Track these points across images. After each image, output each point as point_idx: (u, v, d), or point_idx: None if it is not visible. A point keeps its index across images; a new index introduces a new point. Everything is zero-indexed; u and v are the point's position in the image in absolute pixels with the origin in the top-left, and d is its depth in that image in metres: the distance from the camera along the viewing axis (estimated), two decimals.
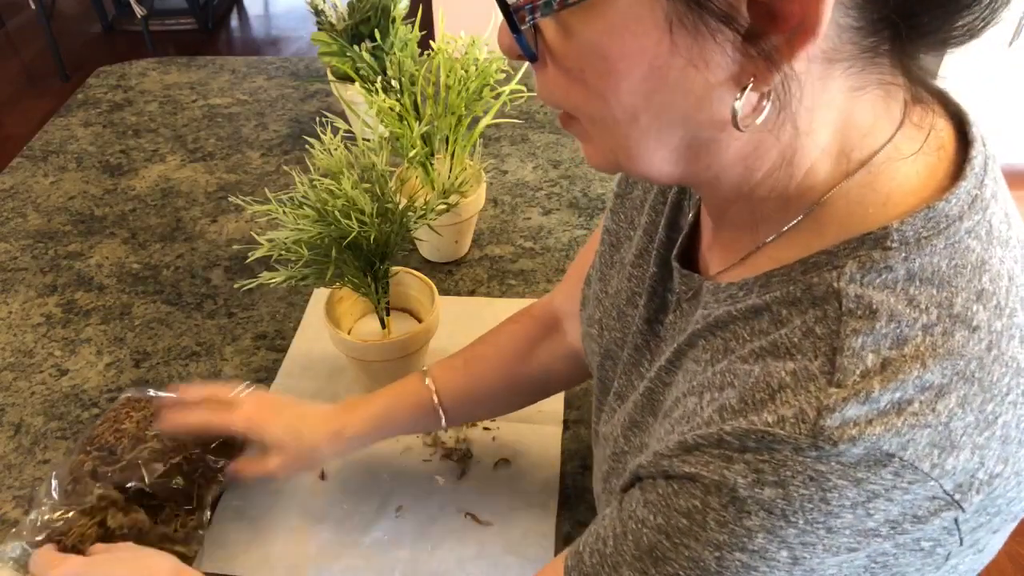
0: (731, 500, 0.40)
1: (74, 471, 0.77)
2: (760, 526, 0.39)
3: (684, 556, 0.42)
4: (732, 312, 0.47)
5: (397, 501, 0.83)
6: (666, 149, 0.43)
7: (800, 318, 0.42)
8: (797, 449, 0.38)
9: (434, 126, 1.00)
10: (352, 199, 0.77)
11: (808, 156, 0.42)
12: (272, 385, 0.95)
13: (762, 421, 0.40)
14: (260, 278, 0.80)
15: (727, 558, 0.40)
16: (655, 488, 0.45)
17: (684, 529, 0.42)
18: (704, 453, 0.42)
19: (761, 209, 0.46)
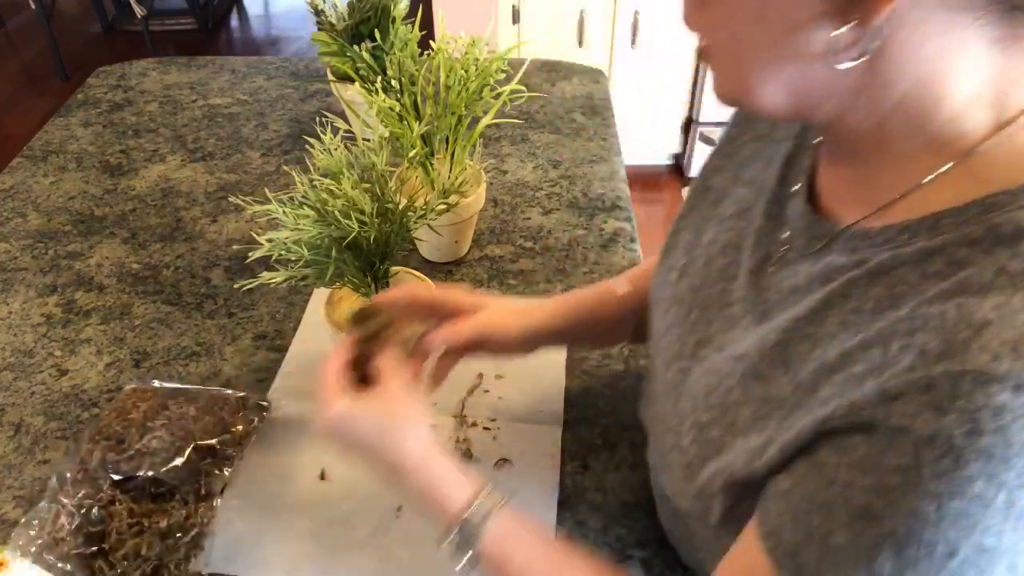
0: (948, 450, 0.39)
1: (83, 461, 0.78)
2: (979, 472, 0.39)
3: (901, 511, 0.41)
4: (898, 257, 0.47)
5: (398, 501, 0.83)
6: (778, 80, 0.46)
7: (987, 258, 0.42)
8: (1018, 387, 0.38)
9: (434, 126, 1.00)
10: (352, 199, 0.77)
11: (946, 102, 0.44)
12: (272, 386, 0.95)
13: (974, 361, 0.39)
14: (260, 278, 0.80)
15: (945, 506, 0.40)
16: (856, 448, 0.44)
17: (898, 486, 0.41)
18: (910, 402, 0.41)
19: (899, 150, 0.47)
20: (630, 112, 2.77)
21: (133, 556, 0.74)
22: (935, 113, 0.45)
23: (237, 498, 0.83)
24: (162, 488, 0.78)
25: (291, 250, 0.78)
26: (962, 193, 0.45)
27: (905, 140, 0.47)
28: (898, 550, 0.42)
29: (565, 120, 1.46)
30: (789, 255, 0.56)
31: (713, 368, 0.59)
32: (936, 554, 0.41)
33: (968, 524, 0.40)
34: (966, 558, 0.40)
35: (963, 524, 0.40)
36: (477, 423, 0.90)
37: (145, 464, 0.77)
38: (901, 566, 0.42)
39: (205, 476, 0.79)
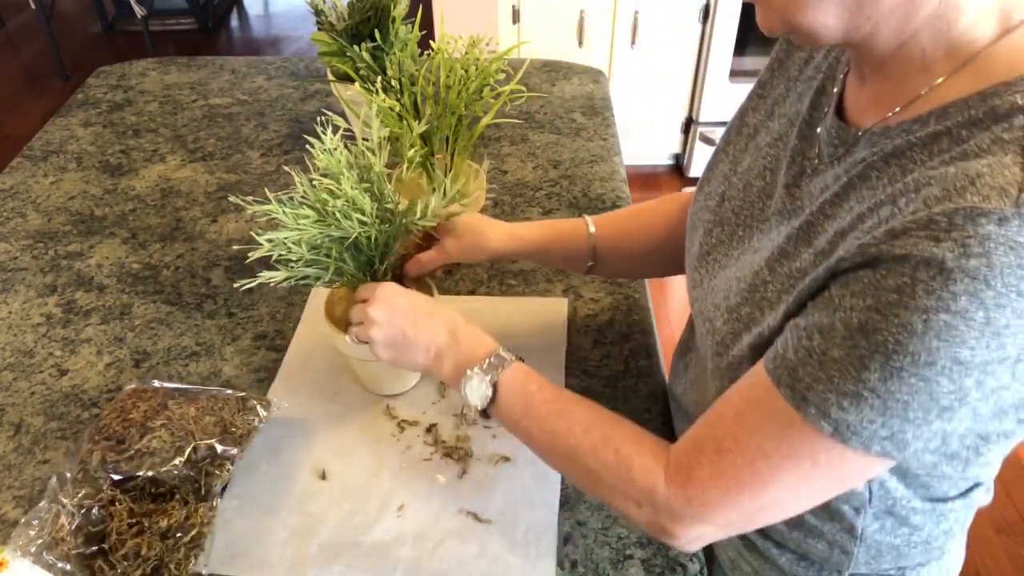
0: (939, 271, 0.46)
1: (83, 462, 0.78)
2: (964, 290, 0.45)
3: (893, 324, 0.48)
4: (910, 141, 0.53)
5: (398, 500, 0.83)
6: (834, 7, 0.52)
7: (985, 133, 0.49)
8: (1002, 219, 0.45)
9: (434, 126, 1.00)
10: (352, 199, 0.77)
11: (965, 11, 0.51)
12: (271, 386, 0.95)
13: (967, 201, 0.46)
14: (260, 277, 0.80)
15: (932, 319, 0.46)
16: (860, 279, 0.51)
17: (894, 302, 0.48)
18: (912, 235, 0.48)
19: (921, 61, 0.54)
20: (630, 112, 2.77)
21: (133, 556, 0.74)
22: (953, 24, 0.52)
23: (237, 498, 0.83)
24: (162, 488, 0.78)
25: (291, 250, 0.78)
26: (969, 88, 0.52)
27: (927, 52, 0.53)
28: (886, 359, 0.49)
29: (565, 120, 1.46)
30: (820, 166, 0.63)
31: (746, 263, 0.66)
32: (919, 362, 0.48)
33: (949, 336, 0.46)
34: (943, 368, 0.47)
35: (945, 336, 0.46)
36: (477, 421, 0.90)
37: (145, 464, 0.77)
38: (886, 375, 0.49)
39: (205, 476, 0.79)
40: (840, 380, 0.51)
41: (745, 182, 0.71)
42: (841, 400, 0.51)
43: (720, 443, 0.59)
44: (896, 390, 0.49)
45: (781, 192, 0.66)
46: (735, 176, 0.73)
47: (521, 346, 0.98)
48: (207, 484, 0.79)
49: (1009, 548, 1.75)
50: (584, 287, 1.08)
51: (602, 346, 1.00)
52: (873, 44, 0.55)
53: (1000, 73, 0.51)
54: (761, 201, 0.69)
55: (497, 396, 0.71)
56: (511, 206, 1.24)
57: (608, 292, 1.08)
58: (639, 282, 1.09)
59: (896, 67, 0.56)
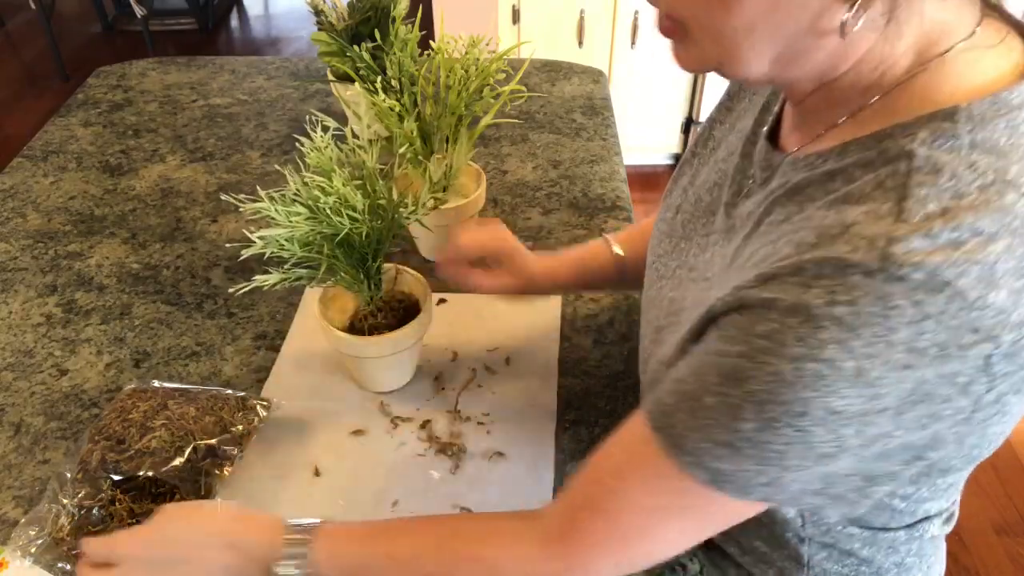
0: (807, 318, 0.45)
1: (83, 462, 0.78)
2: (832, 338, 0.45)
3: (764, 372, 0.47)
4: (809, 177, 0.53)
5: (392, 496, 0.83)
6: (769, 56, 0.51)
7: (872, 174, 0.49)
8: (868, 272, 0.44)
9: (434, 126, 1.00)
10: (343, 196, 0.78)
11: (892, 53, 0.50)
12: (266, 384, 0.95)
13: (837, 250, 0.46)
14: (254, 281, 0.80)
15: (802, 368, 0.46)
16: (732, 323, 0.50)
17: (764, 348, 0.47)
18: (782, 281, 0.47)
19: (838, 96, 0.54)
20: (630, 112, 2.76)
21: None
22: (879, 66, 0.51)
23: (237, 498, 0.83)
24: (162, 488, 0.78)
25: (284, 248, 0.78)
26: (873, 127, 0.51)
27: (850, 89, 0.53)
28: (759, 409, 0.48)
29: (565, 120, 1.46)
30: (754, 187, 0.62)
31: (682, 285, 0.66)
32: (792, 412, 0.47)
33: (820, 385, 0.46)
34: (817, 418, 0.47)
35: (816, 385, 0.46)
36: (471, 418, 0.90)
37: (145, 464, 0.77)
38: (760, 426, 0.48)
39: (205, 476, 0.79)
40: (714, 429, 0.50)
41: (697, 196, 0.71)
42: (716, 450, 0.50)
43: (598, 504, 0.58)
44: (771, 440, 0.48)
45: (722, 211, 0.66)
46: (692, 188, 0.73)
47: (514, 346, 0.99)
48: (207, 484, 0.79)
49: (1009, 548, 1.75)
50: None
51: (602, 346, 1.00)
52: (799, 85, 0.55)
53: (903, 111, 0.50)
54: (706, 217, 0.68)
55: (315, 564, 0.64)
56: (511, 206, 1.24)
57: (608, 292, 1.08)
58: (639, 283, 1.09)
59: (817, 101, 0.56)
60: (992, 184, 0.45)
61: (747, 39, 0.50)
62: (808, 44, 0.50)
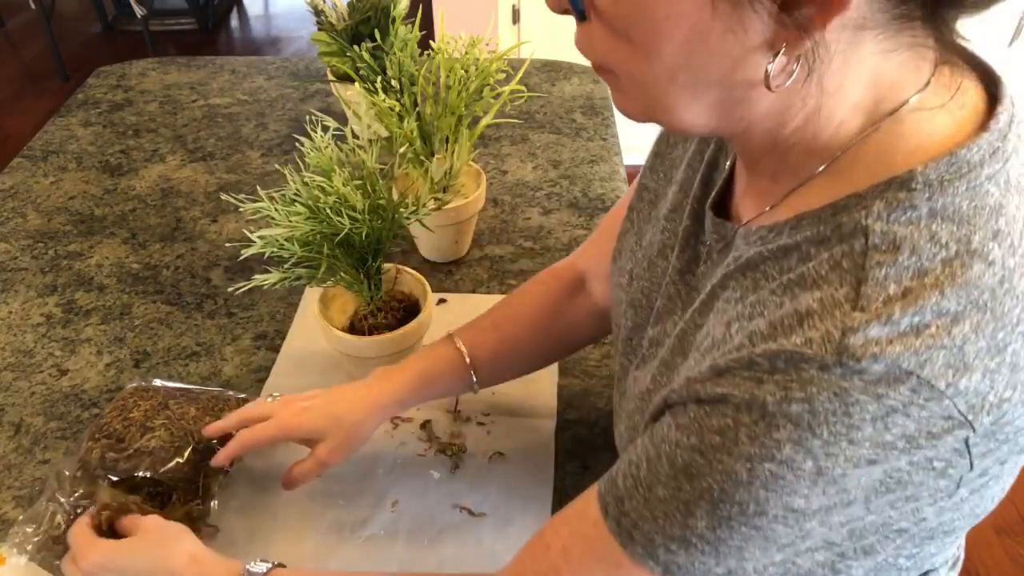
0: (761, 416, 0.43)
1: (82, 460, 0.78)
2: (788, 438, 0.42)
3: (717, 470, 0.45)
4: (763, 253, 0.50)
5: (393, 496, 0.83)
6: (700, 105, 0.47)
7: (827, 252, 0.45)
8: (823, 367, 0.41)
9: (434, 126, 1.00)
10: (343, 196, 0.78)
11: (838, 112, 0.46)
12: (265, 384, 0.95)
13: (791, 343, 0.43)
14: (254, 281, 0.80)
15: (757, 469, 0.43)
16: (686, 412, 0.47)
17: (717, 445, 0.45)
18: (735, 375, 0.45)
19: (790, 159, 0.50)
20: None
21: None
22: (828, 124, 0.47)
23: (236, 498, 0.83)
24: (161, 488, 0.78)
25: (284, 247, 0.78)
26: (827, 196, 0.47)
27: (799, 150, 0.49)
28: (712, 507, 0.45)
29: (565, 120, 1.46)
30: (712, 254, 0.59)
31: (646, 363, 0.62)
32: (748, 512, 0.44)
33: (777, 486, 0.43)
34: (776, 516, 0.44)
35: (772, 486, 0.43)
36: (471, 418, 0.90)
37: (144, 464, 0.77)
38: (715, 522, 0.45)
39: (204, 476, 0.79)
40: (666, 523, 0.47)
41: (649, 260, 0.66)
42: (668, 543, 0.48)
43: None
44: (727, 537, 0.45)
45: (675, 278, 0.62)
46: (640, 251, 0.68)
47: None
48: (206, 484, 0.79)
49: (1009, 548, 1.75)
50: None
51: (602, 346, 1.00)
52: (747, 141, 0.51)
53: (858, 178, 0.46)
54: (661, 284, 0.64)
55: None
56: (511, 206, 1.24)
57: None
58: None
59: (766, 165, 0.52)
60: (956, 256, 0.42)
61: (671, 88, 0.46)
62: (740, 95, 0.46)
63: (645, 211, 0.70)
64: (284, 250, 0.79)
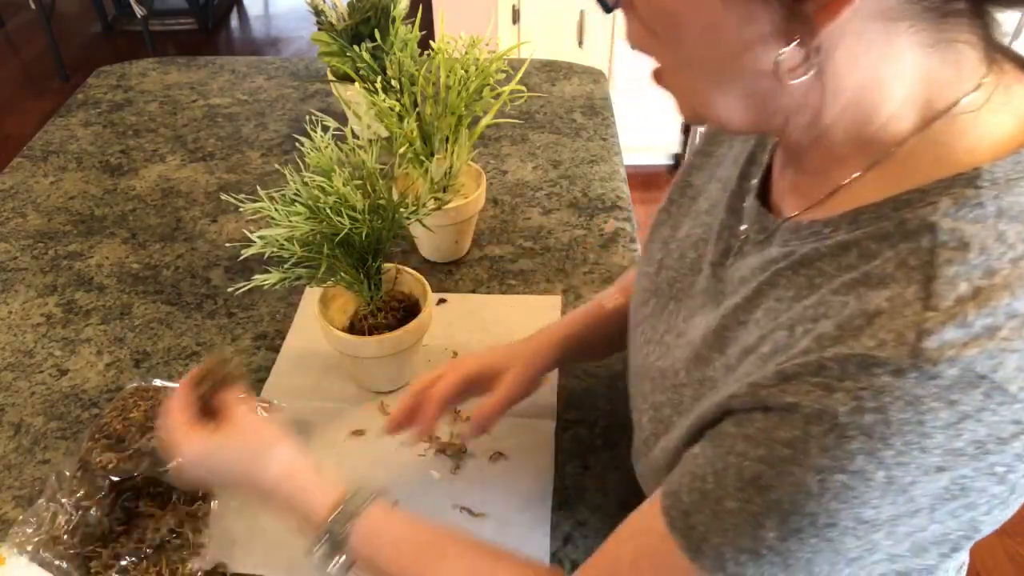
0: (832, 427, 0.42)
1: (82, 460, 0.78)
2: (860, 449, 0.41)
3: (787, 482, 0.44)
4: (819, 249, 0.49)
5: (392, 496, 0.82)
6: (730, 99, 0.48)
7: (892, 251, 0.45)
8: (897, 372, 0.40)
9: (434, 126, 1.00)
10: (343, 196, 0.78)
11: (883, 106, 0.46)
12: (265, 384, 0.95)
13: (862, 346, 0.42)
14: (254, 281, 0.80)
15: (828, 480, 0.42)
16: (753, 422, 0.47)
17: (787, 458, 0.44)
18: (804, 382, 0.44)
19: (836, 153, 0.50)
20: (630, 112, 2.76)
21: (130, 555, 0.74)
22: (872, 117, 0.47)
23: (236, 498, 0.83)
24: (160, 488, 0.78)
25: (284, 247, 0.78)
26: (883, 190, 0.47)
27: (845, 144, 0.49)
28: (783, 519, 0.45)
29: (565, 120, 1.46)
30: (745, 248, 0.59)
31: (671, 352, 0.62)
32: (818, 524, 0.44)
33: (849, 497, 0.42)
34: (846, 528, 0.43)
35: (844, 497, 0.42)
36: (471, 418, 0.90)
37: (144, 464, 0.77)
38: (785, 534, 0.45)
39: None
40: (735, 535, 0.47)
41: (681, 251, 0.67)
42: (738, 556, 0.47)
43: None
44: (796, 550, 0.45)
45: (708, 270, 0.62)
46: (673, 242, 0.69)
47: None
48: None
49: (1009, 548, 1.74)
50: (584, 287, 1.08)
51: None
52: (788, 136, 0.51)
53: (918, 174, 0.46)
54: (692, 276, 0.65)
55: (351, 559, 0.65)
56: (511, 206, 1.24)
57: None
58: None
59: (812, 160, 0.52)
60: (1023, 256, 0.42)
61: (699, 81, 0.49)
62: (767, 88, 0.47)
63: (686, 206, 0.71)
64: (284, 250, 0.79)
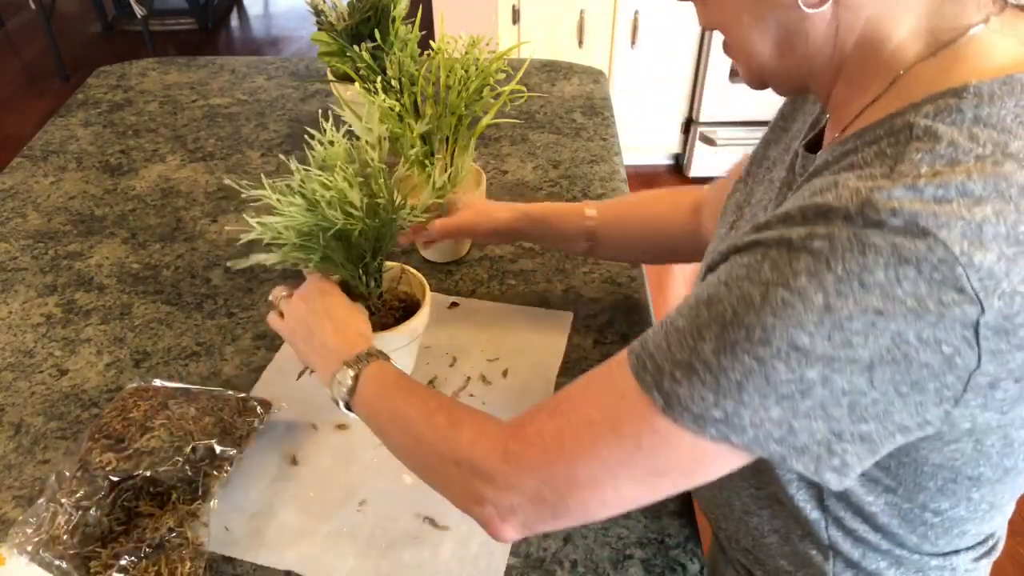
0: (786, 249, 0.47)
1: (82, 460, 0.78)
2: (804, 268, 0.45)
3: (735, 296, 0.48)
4: (827, 159, 0.54)
5: (362, 495, 0.83)
6: (767, 41, 0.55)
7: (875, 146, 0.49)
8: (847, 217, 0.45)
9: (434, 126, 1.00)
10: (342, 192, 0.78)
11: (893, 35, 0.52)
12: (258, 382, 0.95)
13: (823, 199, 0.47)
14: (251, 258, 0.80)
15: (770, 293, 0.46)
16: (719, 268, 0.52)
17: (741, 276, 0.49)
18: (771, 226, 0.49)
19: (855, 82, 0.55)
20: (630, 112, 2.76)
21: (130, 555, 0.74)
22: (883, 47, 0.52)
23: (236, 498, 0.83)
24: (160, 488, 0.78)
25: (281, 235, 0.79)
26: (886, 111, 0.52)
27: (862, 73, 0.54)
28: (721, 329, 0.48)
29: (565, 120, 1.46)
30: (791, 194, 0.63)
31: None
32: (753, 339, 0.47)
33: (785, 315, 0.45)
34: (779, 350, 0.46)
35: (781, 314, 0.46)
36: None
37: (144, 463, 0.77)
38: (719, 347, 0.48)
39: (204, 476, 0.79)
40: (677, 350, 0.50)
41: (753, 214, 0.72)
42: (674, 371, 0.50)
43: (557, 407, 0.58)
44: (729, 367, 0.47)
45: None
46: (747, 207, 0.74)
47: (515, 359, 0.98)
48: (205, 484, 0.79)
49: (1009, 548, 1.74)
50: (584, 287, 1.08)
51: (602, 346, 1.00)
52: (818, 77, 0.57)
53: (917, 93, 0.50)
54: None
55: (357, 387, 0.71)
56: None
57: (608, 292, 1.08)
58: (639, 282, 1.09)
59: (840, 95, 0.57)
60: (990, 155, 0.45)
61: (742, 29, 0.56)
62: (794, 26, 0.53)
63: (760, 175, 0.75)
64: (281, 238, 0.79)
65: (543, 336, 1.01)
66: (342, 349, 0.74)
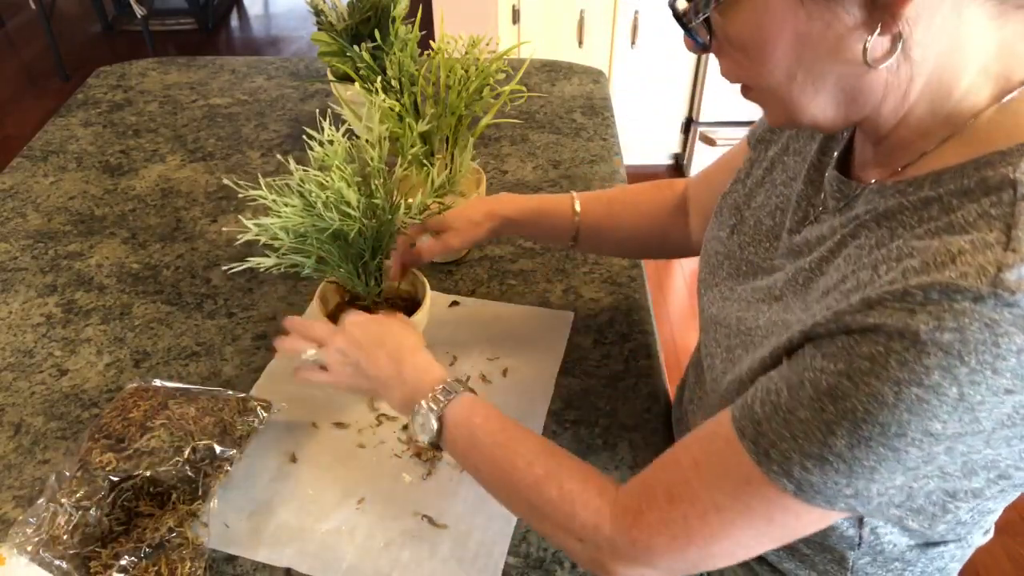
0: (912, 343, 0.45)
1: (82, 460, 0.78)
2: (937, 364, 0.45)
3: (864, 392, 0.47)
4: (902, 203, 0.53)
5: (360, 493, 0.83)
6: (823, 97, 0.54)
7: (973, 204, 0.48)
8: (977, 298, 0.44)
9: (434, 126, 1.00)
10: (339, 192, 0.78)
11: (960, 79, 0.51)
12: (258, 382, 0.95)
13: (945, 276, 0.45)
14: (249, 262, 0.80)
15: (904, 392, 0.46)
16: (834, 343, 0.50)
17: (866, 370, 0.47)
18: (888, 307, 0.47)
19: (919, 127, 0.54)
20: (630, 112, 2.76)
21: (130, 555, 0.74)
22: (951, 91, 0.51)
23: (236, 498, 0.83)
24: (160, 488, 0.78)
25: (277, 236, 0.79)
26: (963, 156, 0.51)
27: (926, 118, 0.53)
28: (854, 427, 0.48)
29: (565, 120, 1.46)
30: (823, 214, 0.63)
31: (747, 303, 0.67)
32: (889, 434, 0.47)
33: (920, 410, 0.46)
34: (913, 439, 0.47)
35: (916, 410, 0.46)
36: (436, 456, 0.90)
37: (144, 463, 0.77)
38: (854, 442, 0.48)
39: (203, 476, 0.79)
40: (805, 442, 0.50)
41: (756, 219, 0.72)
42: (805, 461, 0.51)
43: (673, 490, 0.58)
44: (863, 457, 0.49)
45: (785, 237, 0.67)
46: (748, 210, 0.74)
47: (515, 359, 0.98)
48: (205, 484, 0.79)
49: (1009, 548, 1.74)
50: (584, 287, 1.08)
51: (602, 346, 1.00)
52: (874, 122, 0.56)
53: (997, 140, 0.50)
54: (769, 241, 0.70)
55: (444, 430, 0.70)
56: None
57: (608, 292, 1.08)
58: (639, 282, 1.09)
59: (897, 137, 0.56)
60: None
61: (792, 88, 0.54)
62: (855, 80, 0.52)
63: (759, 176, 0.75)
64: (278, 239, 0.79)
65: (543, 336, 1.01)
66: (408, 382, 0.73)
